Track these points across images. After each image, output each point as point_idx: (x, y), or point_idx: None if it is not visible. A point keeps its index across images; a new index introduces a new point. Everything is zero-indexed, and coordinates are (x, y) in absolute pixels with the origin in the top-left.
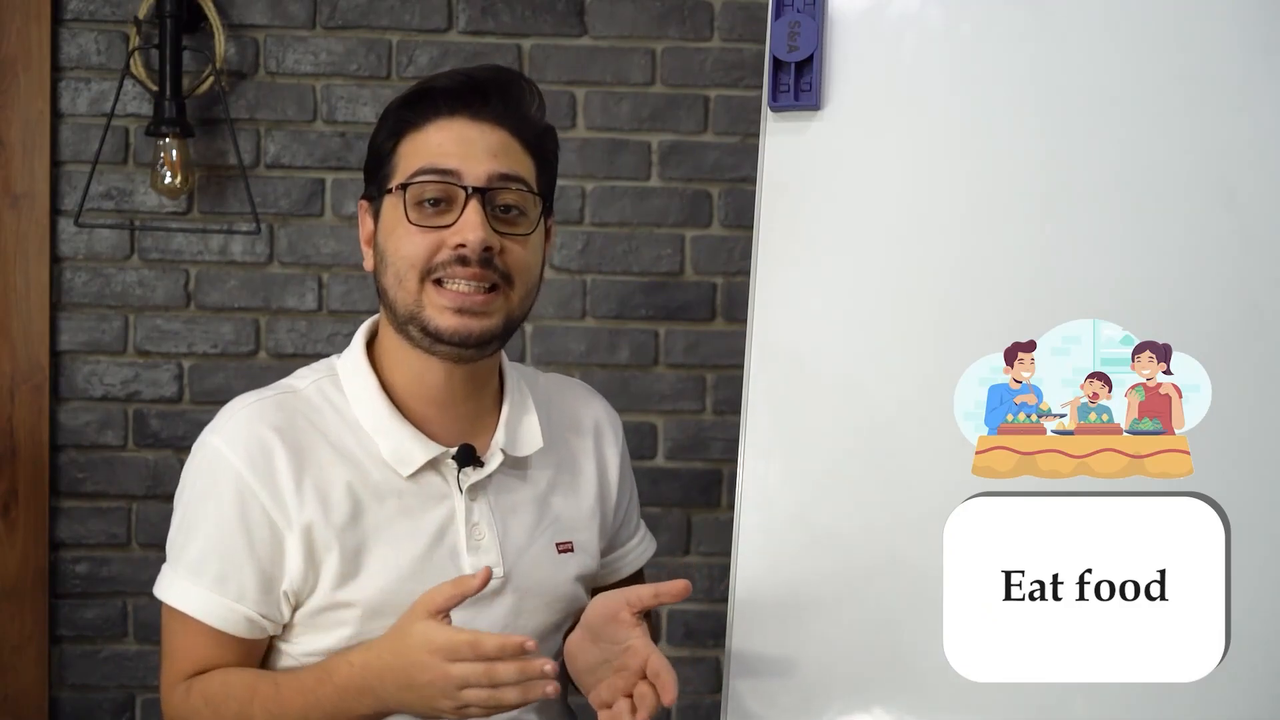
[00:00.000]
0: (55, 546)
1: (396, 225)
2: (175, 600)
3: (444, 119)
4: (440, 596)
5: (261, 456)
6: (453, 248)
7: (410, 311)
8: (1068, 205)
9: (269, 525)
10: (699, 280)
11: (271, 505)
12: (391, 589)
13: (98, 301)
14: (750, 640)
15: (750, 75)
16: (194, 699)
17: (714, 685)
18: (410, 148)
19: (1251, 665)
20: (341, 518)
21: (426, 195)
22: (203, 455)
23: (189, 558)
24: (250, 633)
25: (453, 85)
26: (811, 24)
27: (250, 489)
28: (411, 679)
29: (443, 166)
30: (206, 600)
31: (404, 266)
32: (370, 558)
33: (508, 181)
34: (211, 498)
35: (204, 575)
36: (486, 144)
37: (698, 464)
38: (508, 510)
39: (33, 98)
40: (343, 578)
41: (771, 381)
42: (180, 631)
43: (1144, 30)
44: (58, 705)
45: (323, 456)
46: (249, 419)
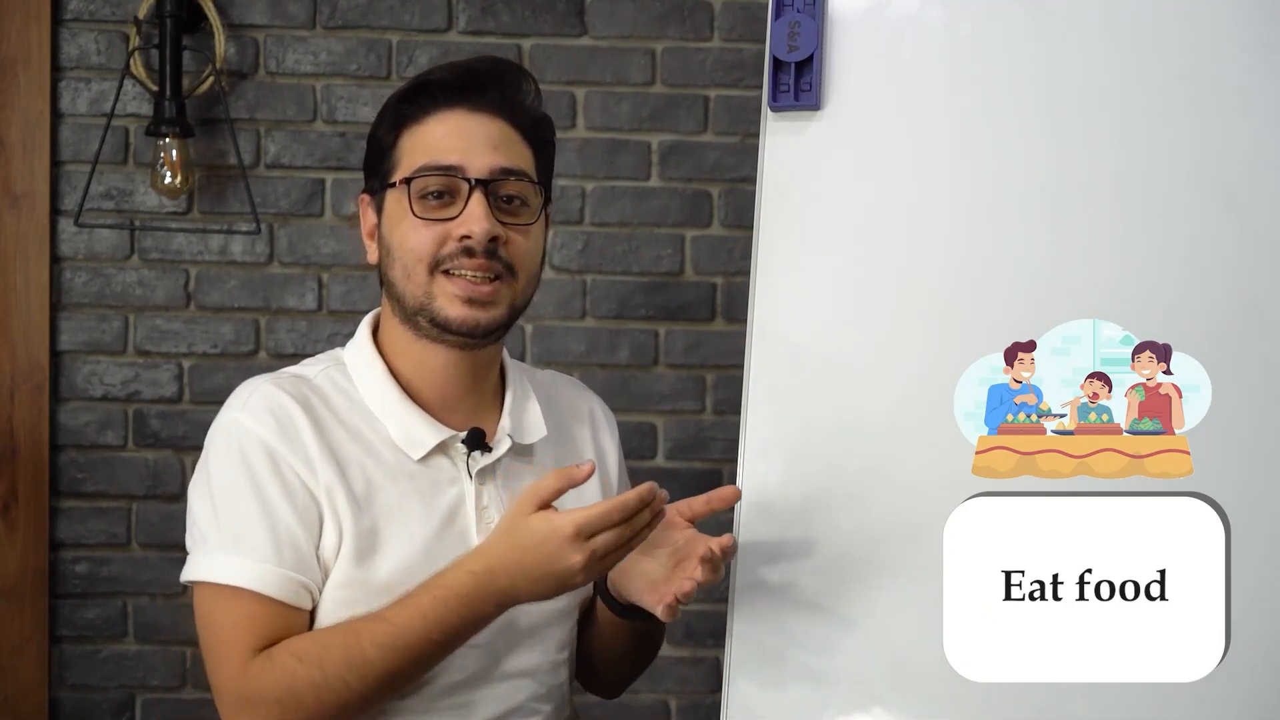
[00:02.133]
0: (55, 546)
1: (402, 219)
2: (228, 576)
3: (443, 111)
4: (547, 489)
5: (287, 421)
6: (458, 239)
7: (419, 303)
8: (1068, 205)
9: (306, 490)
10: (699, 280)
11: (303, 468)
12: (406, 568)
13: (98, 301)
14: (750, 640)
15: (750, 75)
16: (282, 661)
17: (714, 685)
18: (411, 141)
19: (1251, 665)
20: (358, 493)
21: (430, 188)
22: (227, 435)
23: (230, 534)
24: (304, 602)
25: (450, 77)
26: (811, 24)
27: (281, 455)
28: (549, 569)
29: (445, 162)
30: (266, 572)
31: (411, 260)
32: (385, 537)
33: (509, 174)
34: (246, 470)
35: (257, 547)
36: (486, 135)
37: (698, 464)
38: (515, 495)
39: (33, 98)
40: (359, 554)
41: (771, 382)
42: (234, 611)
43: (1144, 30)
44: (58, 705)
45: (338, 434)
46: (266, 393)
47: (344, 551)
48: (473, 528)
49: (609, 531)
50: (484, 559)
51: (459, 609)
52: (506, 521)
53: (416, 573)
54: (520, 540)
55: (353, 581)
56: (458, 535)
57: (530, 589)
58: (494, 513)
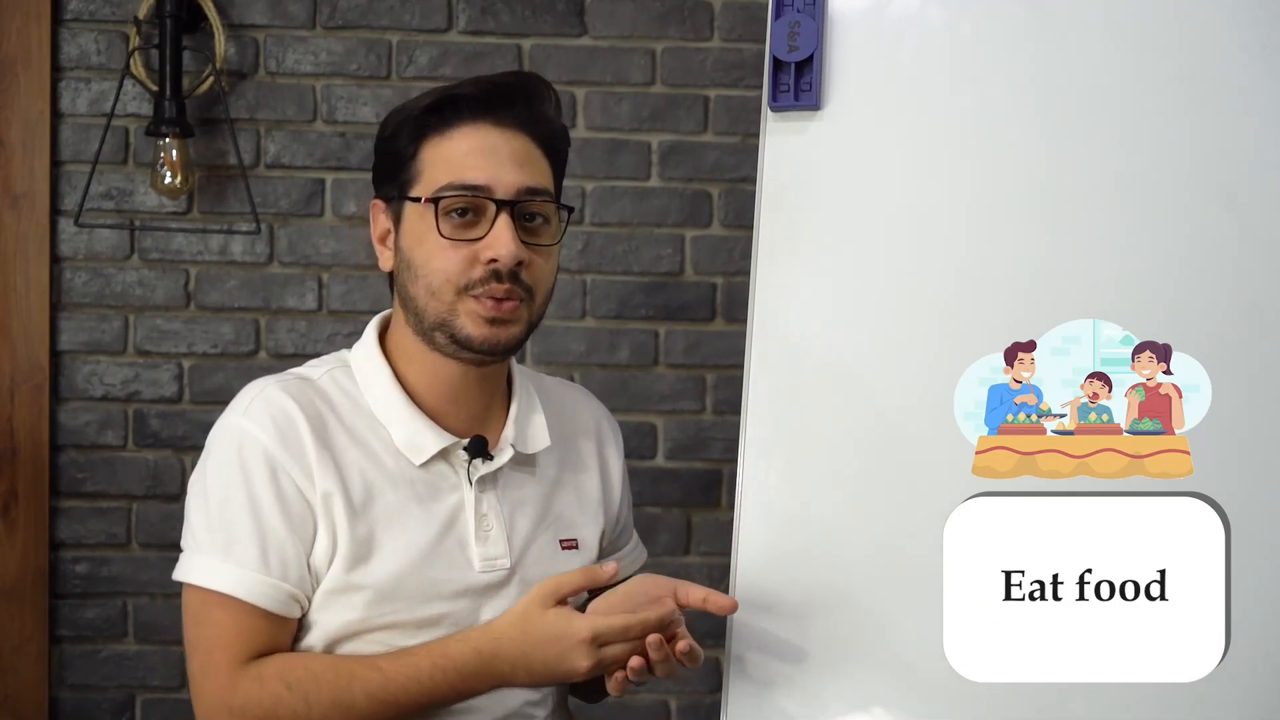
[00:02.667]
0: (55, 546)
1: (426, 236)
2: (216, 582)
3: (467, 125)
4: (568, 585)
5: (288, 427)
6: (485, 262)
7: (441, 319)
8: (1068, 205)
9: (302, 500)
10: (699, 280)
11: (300, 477)
12: (403, 574)
13: (98, 301)
14: (750, 640)
15: (750, 75)
16: (271, 686)
17: (714, 685)
18: (434, 154)
19: (1251, 665)
20: (356, 498)
21: (456, 206)
22: (228, 437)
23: (223, 539)
24: (292, 612)
25: (477, 92)
26: (811, 24)
27: (281, 464)
28: (554, 666)
29: (472, 182)
30: (252, 580)
31: (439, 280)
32: (382, 542)
33: (534, 195)
34: (243, 476)
35: (247, 555)
36: (511, 152)
37: (698, 464)
38: (515, 504)
39: (33, 98)
40: (354, 559)
41: (771, 381)
42: (220, 617)
43: (1144, 30)
44: (58, 705)
45: (340, 438)
46: (269, 397)
47: (338, 558)
48: (471, 535)
49: (622, 644)
50: (492, 641)
51: (455, 682)
52: (521, 607)
53: (412, 579)
54: (532, 633)
55: (346, 587)
56: (456, 541)
57: (528, 678)
58: (492, 520)
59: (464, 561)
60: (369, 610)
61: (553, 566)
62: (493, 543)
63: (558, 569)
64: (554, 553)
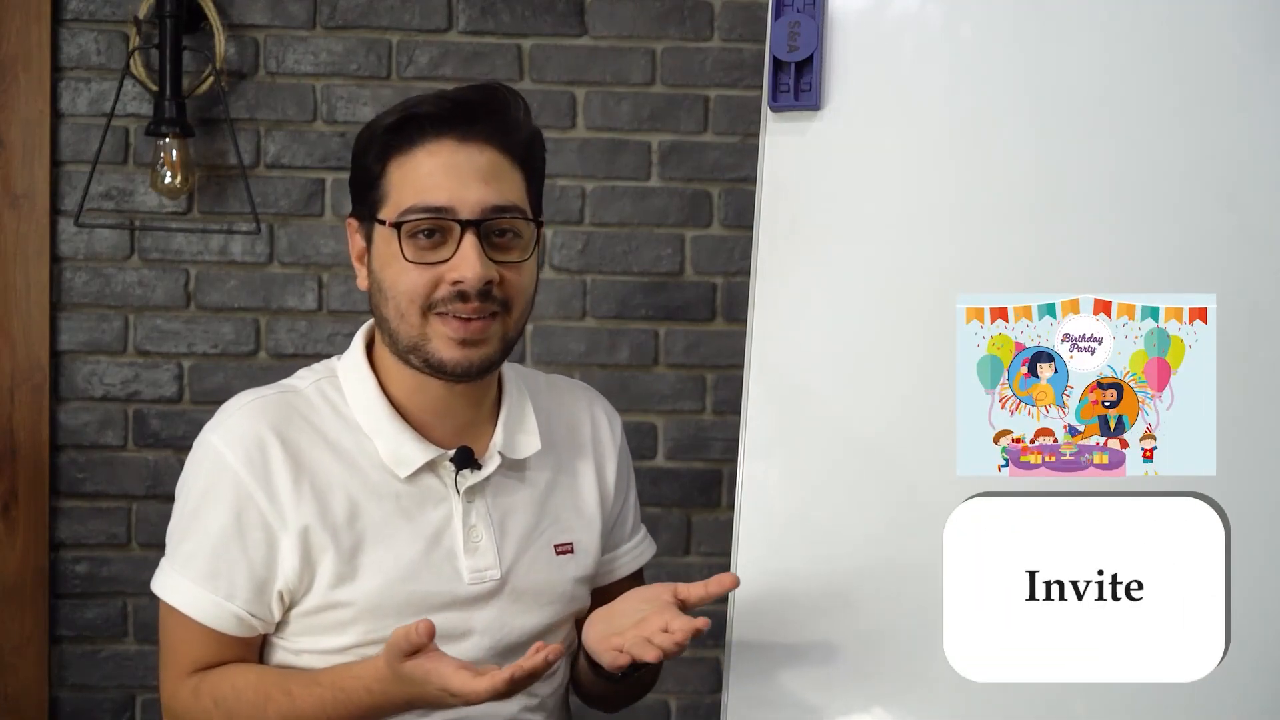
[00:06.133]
0: (55, 546)
1: (392, 260)
2: (167, 595)
3: (431, 142)
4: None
5: (260, 456)
6: (451, 283)
7: (413, 342)
8: (1067, 205)
9: (264, 527)
10: (699, 280)
11: (268, 507)
12: (389, 590)
13: (98, 301)
14: (750, 640)
15: (750, 75)
16: (203, 700)
17: (714, 685)
18: (399, 174)
19: (1251, 665)
20: (338, 518)
21: (421, 228)
22: (202, 454)
23: (183, 553)
24: (241, 630)
25: (438, 109)
26: (811, 24)
27: (247, 491)
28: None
29: (435, 203)
30: (198, 597)
31: (404, 301)
32: (367, 559)
33: (501, 212)
34: (208, 497)
35: (196, 572)
36: (476, 168)
37: (698, 464)
38: (505, 512)
39: (33, 98)
40: (339, 578)
41: (771, 381)
42: (175, 627)
43: (1144, 30)
44: (58, 705)
45: (321, 456)
46: (247, 417)
47: (319, 580)
48: (460, 546)
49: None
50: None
51: (355, 713)
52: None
53: (401, 594)
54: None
55: (332, 605)
56: (445, 554)
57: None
58: (482, 531)
59: (452, 573)
60: (361, 627)
61: (547, 572)
62: (481, 554)
63: (552, 575)
64: (549, 559)
